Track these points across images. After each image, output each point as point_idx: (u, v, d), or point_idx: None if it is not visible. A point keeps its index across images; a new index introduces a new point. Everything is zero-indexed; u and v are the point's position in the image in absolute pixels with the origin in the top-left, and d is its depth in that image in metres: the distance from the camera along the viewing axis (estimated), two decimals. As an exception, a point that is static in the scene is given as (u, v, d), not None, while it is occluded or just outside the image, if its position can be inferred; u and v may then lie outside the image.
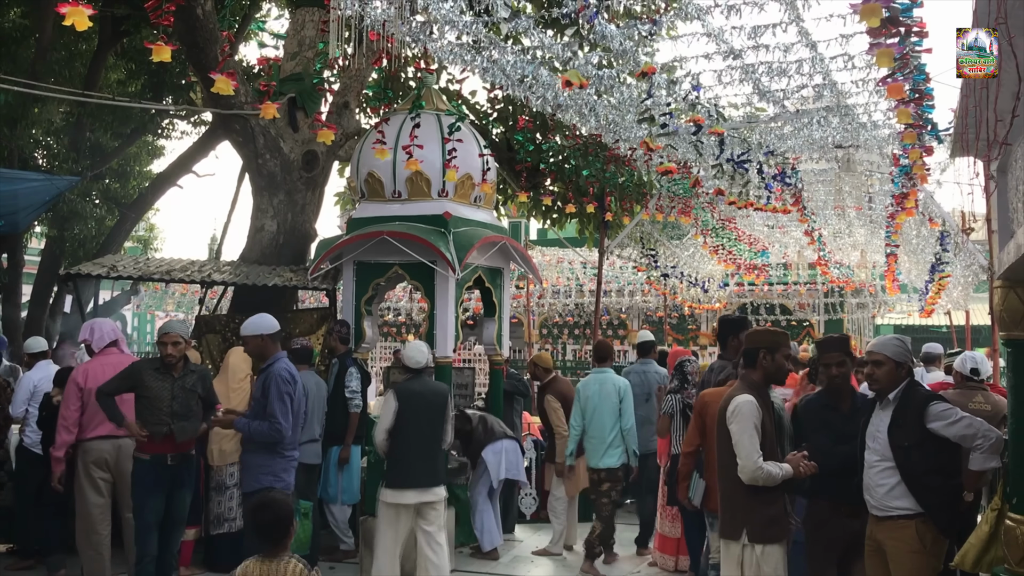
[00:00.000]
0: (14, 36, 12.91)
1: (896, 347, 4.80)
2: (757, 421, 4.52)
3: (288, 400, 5.96)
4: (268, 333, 6.17)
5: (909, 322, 23.68)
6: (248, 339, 6.27)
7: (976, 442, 4.57)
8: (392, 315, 23.29)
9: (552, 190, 11.39)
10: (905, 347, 4.86)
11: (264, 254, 9.66)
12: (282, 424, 5.91)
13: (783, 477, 4.49)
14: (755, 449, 4.47)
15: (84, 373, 6.53)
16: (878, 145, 8.17)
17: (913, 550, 4.62)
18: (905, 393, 4.73)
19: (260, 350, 6.22)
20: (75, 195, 13.53)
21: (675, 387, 7.32)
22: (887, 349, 4.79)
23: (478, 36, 5.64)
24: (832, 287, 20.26)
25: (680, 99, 6.61)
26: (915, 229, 12.18)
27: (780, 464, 4.53)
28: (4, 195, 9.54)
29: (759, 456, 4.46)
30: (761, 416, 4.54)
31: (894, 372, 4.75)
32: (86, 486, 6.53)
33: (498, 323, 9.11)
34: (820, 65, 5.93)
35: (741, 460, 4.48)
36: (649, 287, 18.71)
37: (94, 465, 6.51)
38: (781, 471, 4.48)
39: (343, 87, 10.42)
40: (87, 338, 6.80)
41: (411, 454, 6.27)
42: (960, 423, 4.59)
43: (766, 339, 4.74)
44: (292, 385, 6.03)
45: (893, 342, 4.87)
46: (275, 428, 5.90)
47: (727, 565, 4.61)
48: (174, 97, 14.63)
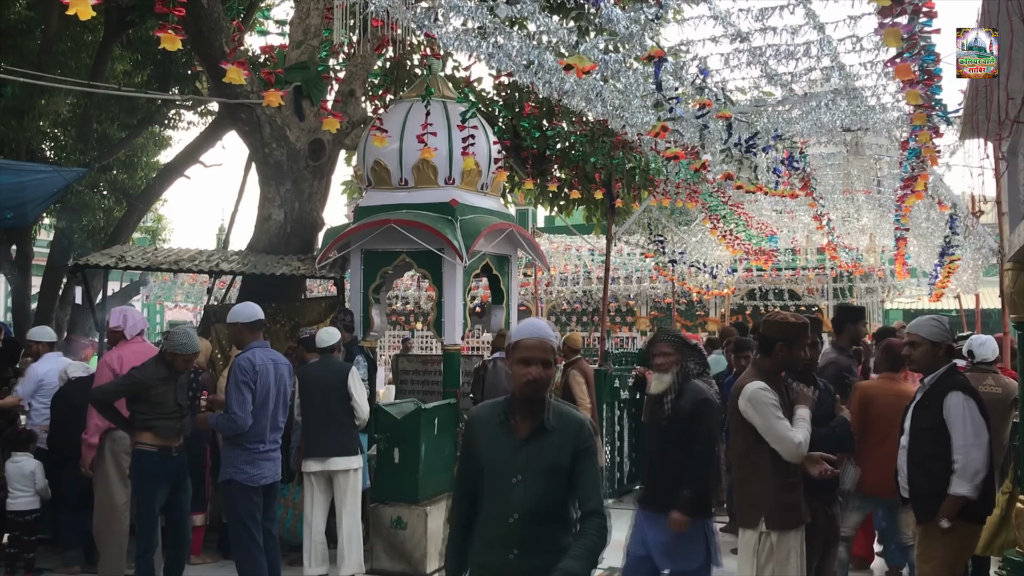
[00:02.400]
0: (20, 28, 12.89)
1: (932, 327, 4.82)
2: (776, 402, 4.49)
3: (245, 390, 5.85)
4: (244, 322, 6.08)
5: (919, 306, 23.58)
6: (229, 327, 6.26)
7: (956, 456, 4.54)
8: (400, 303, 23.32)
9: (559, 177, 11.36)
10: (942, 326, 4.84)
11: (272, 243, 9.67)
12: (236, 414, 5.82)
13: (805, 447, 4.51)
14: (787, 427, 4.46)
15: (119, 359, 6.46)
16: (887, 128, 8.12)
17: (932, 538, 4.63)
18: (940, 378, 4.72)
19: (237, 338, 6.20)
20: (83, 186, 13.53)
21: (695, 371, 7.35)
22: (922, 330, 4.83)
23: (483, 21, 5.61)
24: (841, 272, 20.22)
25: (688, 83, 6.57)
26: (924, 212, 12.10)
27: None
28: (12, 187, 9.56)
29: (793, 433, 4.44)
30: (777, 399, 4.52)
31: (930, 352, 4.78)
32: (113, 476, 6.45)
33: (506, 311, 9.10)
34: (828, 47, 5.88)
35: (780, 445, 4.45)
36: (657, 273, 18.67)
37: (125, 454, 6.41)
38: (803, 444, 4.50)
39: (348, 75, 10.39)
40: (119, 324, 6.71)
41: (315, 427, 6.85)
42: (956, 428, 4.56)
43: (785, 331, 4.70)
44: (251, 374, 5.90)
45: (930, 322, 4.87)
46: (230, 419, 5.85)
47: (744, 553, 4.58)
48: (180, 87, 14.63)
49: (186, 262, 8.86)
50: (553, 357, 3.29)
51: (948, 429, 4.58)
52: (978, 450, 4.52)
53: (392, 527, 7.21)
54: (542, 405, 3.29)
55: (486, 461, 3.31)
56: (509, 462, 3.25)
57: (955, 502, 4.53)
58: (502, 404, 3.38)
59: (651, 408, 5.26)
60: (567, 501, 3.27)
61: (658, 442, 5.20)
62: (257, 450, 5.96)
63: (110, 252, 8.96)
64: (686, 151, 8.47)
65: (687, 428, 4.98)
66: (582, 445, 3.27)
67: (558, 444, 3.24)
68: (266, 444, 6.02)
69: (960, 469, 4.51)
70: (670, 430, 5.04)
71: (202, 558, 7.42)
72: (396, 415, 7.33)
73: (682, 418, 5.00)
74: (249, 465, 5.92)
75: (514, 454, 3.26)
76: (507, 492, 3.24)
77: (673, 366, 5.11)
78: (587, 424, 3.34)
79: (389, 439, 7.27)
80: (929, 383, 4.79)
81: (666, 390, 5.09)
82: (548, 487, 3.23)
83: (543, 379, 3.26)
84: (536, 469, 3.22)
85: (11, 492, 7.07)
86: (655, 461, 5.26)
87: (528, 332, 3.32)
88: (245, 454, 5.92)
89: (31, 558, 7.10)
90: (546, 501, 3.23)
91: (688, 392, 5.06)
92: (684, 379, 5.10)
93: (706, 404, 5.03)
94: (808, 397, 4.70)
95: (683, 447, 4.98)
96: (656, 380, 5.16)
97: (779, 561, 4.44)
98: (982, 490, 4.57)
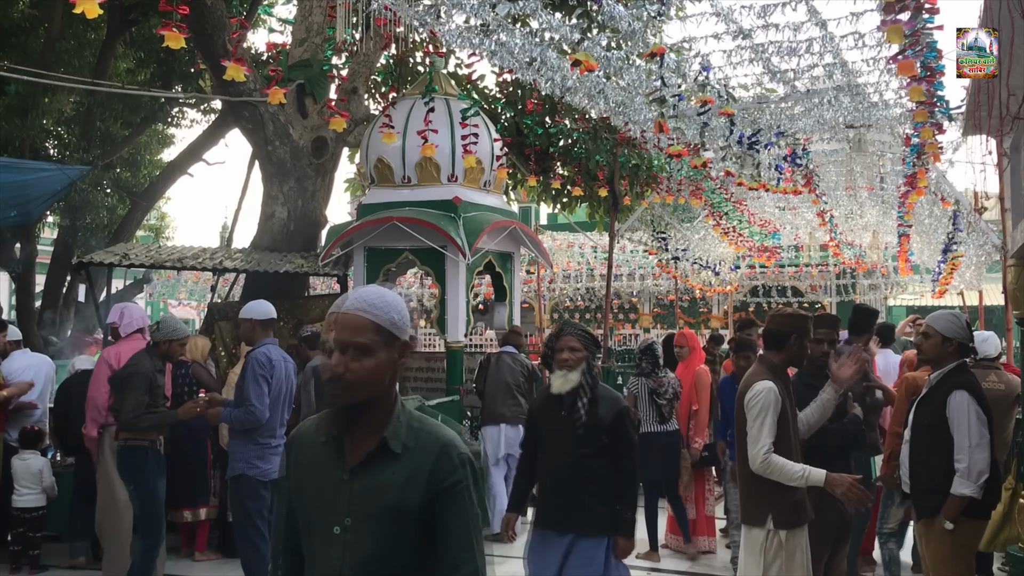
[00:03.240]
0: (23, 26, 12.91)
1: (947, 321, 4.82)
2: (776, 412, 4.41)
3: (263, 383, 5.88)
4: (258, 319, 6.11)
5: (922, 303, 23.57)
6: (240, 322, 6.29)
7: (958, 456, 4.52)
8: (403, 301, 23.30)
9: (562, 174, 11.37)
10: (958, 323, 4.84)
11: (275, 241, 9.69)
12: (255, 407, 5.84)
13: (805, 482, 4.30)
14: (763, 437, 4.36)
15: (116, 356, 6.47)
16: (889, 125, 8.11)
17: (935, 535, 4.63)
18: (946, 374, 4.72)
19: (249, 334, 6.21)
20: (86, 184, 13.55)
21: (646, 370, 7.44)
22: (938, 323, 4.84)
23: (485, 19, 5.61)
24: (844, 268, 20.18)
25: (690, 80, 6.57)
26: (927, 209, 12.09)
27: (805, 468, 4.33)
28: (16, 185, 9.58)
29: (767, 448, 4.35)
30: (782, 404, 4.44)
31: (940, 346, 4.78)
32: (115, 472, 6.37)
33: (509, 308, 9.11)
34: (830, 44, 5.88)
35: (749, 448, 4.40)
36: (660, 270, 18.66)
37: None
38: (805, 475, 4.28)
39: (351, 73, 10.40)
40: (116, 321, 6.73)
41: None
42: (960, 429, 4.54)
43: (798, 324, 4.65)
44: (268, 368, 5.93)
45: (946, 316, 4.89)
46: (249, 412, 5.85)
47: (749, 551, 4.55)
48: (183, 85, 14.64)
49: (190, 260, 8.88)
50: (379, 340, 2.23)
51: (950, 427, 4.58)
52: (981, 451, 4.52)
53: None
54: (375, 417, 2.23)
55: (301, 501, 2.29)
56: (329, 503, 2.21)
57: (958, 503, 4.52)
58: (331, 415, 2.30)
59: (553, 412, 4.62)
60: (418, 565, 2.20)
61: (565, 453, 4.56)
62: (269, 445, 5.99)
63: (114, 250, 8.99)
64: (688, 148, 8.47)
65: (610, 441, 4.53)
66: (444, 480, 2.19)
67: (403, 477, 2.19)
68: (276, 439, 6.06)
69: (964, 470, 4.50)
70: (586, 441, 4.51)
71: (207, 554, 7.44)
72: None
73: (600, 428, 4.51)
74: (261, 460, 5.95)
75: (337, 491, 2.21)
76: (325, 548, 2.20)
77: (580, 363, 4.57)
78: (455, 446, 2.24)
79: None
80: (935, 379, 4.79)
81: (574, 391, 4.53)
82: (383, 541, 2.18)
83: (352, 376, 2.18)
84: (367, 514, 2.18)
85: (17, 489, 7.09)
86: (561, 475, 4.59)
87: (346, 304, 2.29)
88: (257, 449, 5.95)
89: (36, 555, 7.12)
90: (380, 565, 2.17)
91: (604, 399, 4.60)
92: (593, 381, 4.59)
93: (626, 413, 4.63)
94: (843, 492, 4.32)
95: (601, 461, 4.52)
96: (560, 378, 4.56)
97: (786, 559, 4.42)
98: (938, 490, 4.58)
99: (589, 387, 4.54)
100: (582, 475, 4.51)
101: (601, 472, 4.52)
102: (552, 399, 4.61)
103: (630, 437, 4.59)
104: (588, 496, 4.51)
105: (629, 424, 4.59)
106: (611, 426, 4.52)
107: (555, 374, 4.59)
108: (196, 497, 7.37)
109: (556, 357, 4.60)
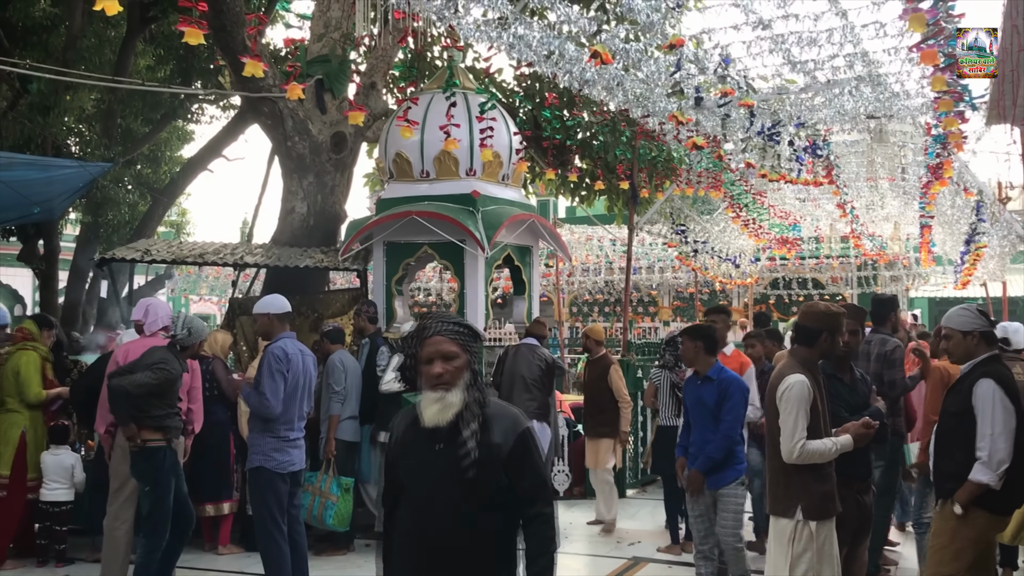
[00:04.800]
0: (45, 25, 13.04)
1: (960, 316, 4.79)
2: (808, 404, 4.44)
3: (279, 377, 5.90)
4: (275, 313, 6.14)
5: (944, 294, 23.36)
6: (257, 317, 6.33)
7: (980, 444, 4.47)
8: (422, 295, 23.37)
9: (580, 167, 11.35)
10: (971, 313, 4.79)
11: (295, 236, 9.73)
12: (269, 400, 5.87)
13: (840, 450, 4.43)
14: (798, 430, 4.40)
15: (125, 354, 6.45)
16: (911, 115, 8.05)
17: (945, 517, 4.61)
18: (976, 364, 4.69)
19: (266, 329, 6.24)
20: (108, 181, 13.67)
21: (669, 363, 7.62)
22: (952, 321, 4.81)
23: (503, 12, 5.61)
24: (865, 260, 20.06)
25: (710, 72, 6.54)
26: (949, 199, 12.01)
27: (834, 439, 4.46)
28: (39, 182, 9.65)
29: (800, 439, 4.39)
30: (814, 396, 4.47)
31: (962, 342, 4.74)
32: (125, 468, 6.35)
33: (528, 301, 9.11)
34: (851, 34, 5.84)
35: (783, 439, 4.43)
36: (679, 263, 18.60)
37: None
38: (836, 445, 4.43)
39: (370, 68, 10.42)
40: (141, 318, 6.69)
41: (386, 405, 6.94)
42: (984, 417, 4.49)
43: (830, 321, 4.64)
44: (284, 363, 5.96)
45: (957, 312, 4.85)
46: (263, 400, 5.89)
47: (777, 542, 4.55)
48: (203, 82, 14.73)
49: (211, 255, 8.93)
50: None
51: (975, 415, 4.55)
52: (1004, 440, 4.47)
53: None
54: None
55: None
56: None
57: (973, 488, 4.48)
58: None
59: (423, 448, 3.01)
60: None
61: (444, 508, 2.95)
62: (287, 437, 6.02)
63: (136, 246, 9.05)
64: (708, 140, 8.44)
65: (513, 479, 2.98)
66: None
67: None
68: (294, 432, 6.09)
69: (985, 458, 4.47)
70: (477, 487, 2.94)
71: (229, 548, 7.49)
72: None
73: (497, 462, 2.96)
74: (278, 452, 5.99)
75: None
76: None
77: (461, 375, 3.01)
78: None
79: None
80: (965, 368, 4.76)
81: (458, 421, 2.97)
82: None
83: None
84: None
85: (47, 483, 7.15)
86: (437, 542, 2.96)
87: None
88: (275, 441, 5.99)
89: (62, 549, 7.20)
90: None
91: (499, 419, 3.04)
92: (482, 397, 3.04)
93: (531, 436, 3.06)
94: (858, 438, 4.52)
95: (500, 517, 3.00)
96: (433, 404, 2.98)
97: (815, 551, 4.43)
98: (1006, 480, 4.53)
99: (478, 407, 3.01)
100: (471, 541, 2.97)
101: (501, 537, 3.02)
102: (420, 430, 3.01)
103: (541, 473, 3.08)
104: (479, 573, 3.01)
105: (536, 449, 3.09)
106: (512, 456, 2.99)
107: (424, 397, 3.00)
108: (219, 492, 7.42)
109: (423, 371, 3.02)
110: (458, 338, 3.03)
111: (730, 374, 5.92)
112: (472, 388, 3.02)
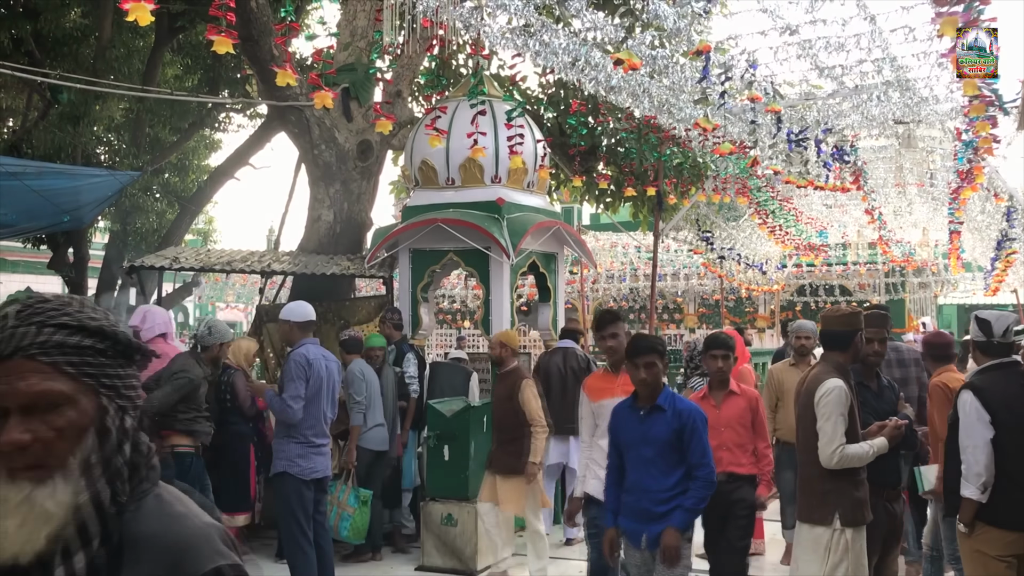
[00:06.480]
0: (75, 36, 13.20)
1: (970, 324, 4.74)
2: (845, 409, 4.43)
3: (300, 383, 5.93)
4: (296, 321, 6.17)
5: (973, 300, 23.11)
6: (280, 324, 6.38)
7: (962, 457, 4.39)
8: (447, 302, 23.40)
9: (606, 173, 11.32)
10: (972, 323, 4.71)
11: (321, 243, 9.78)
12: (289, 407, 5.91)
13: (876, 452, 4.46)
14: (838, 435, 4.39)
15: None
16: (940, 120, 7.98)
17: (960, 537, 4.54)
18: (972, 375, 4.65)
19: (287, 336, 6.30)
20: (136, 190, 13.81)
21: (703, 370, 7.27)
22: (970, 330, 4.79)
23: (529, 19, 5.61)
24: (893, 267, 19.87)
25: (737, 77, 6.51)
26: (980, 205, 11.88)
27: (871, 442, 4.48)
28: (69, 191, 9.77)
29: (840, 444, 4.38)
30: (849, 401, 4.46)
31: (973, 349, 4.75)
32: None
33: (552, 308, 9.10)
34: (879, 39, 5.79)
35: (822, 445, 4.41)
36: (705, 270, 18.51)
37: None
38: (873, 448, 4.46)
39: (396, 76, 10.46)
40: (138, 324, 6.75)
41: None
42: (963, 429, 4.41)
43: (859, 322, 4.64)
44: (306, 368, 5.99)
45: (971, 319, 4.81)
46: (285, 404, 5.92)
47: (812, 550, 4.48)
48: (230, 91, 14.85)
49: (238, 263, 8.99)
50: None
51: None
52: (976, 452, 4.32)
53: (443, 524, 7.24)
54: None
55: None
56: None
57: (964, 504, 4.38)
58: None
59: None
60: None
61: None
62: (311, 444, 6.03)
63: (164, 254, 9.13)
64: (736, 146, 8.40)
65: None
66: None
67: None
68: (319, 438, 6.11)
69: (964, 471, 4.39)
70: None
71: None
72: (446, 413, 7.36)
73: None
74: (302, 458, 6.00)
75: None
76: None
77: (70, 448, 1.33)
78: None
79: (439, 436, 7.31)
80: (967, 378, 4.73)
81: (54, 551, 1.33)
82: None
83: None
84: None
85: None
86: None
87: None
88: (299, 447, 6.01)
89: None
90: None
91: (154, 549, 1.37)
92: (120, 494, 1.39)
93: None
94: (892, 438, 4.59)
95: None
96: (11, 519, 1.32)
97: (852, 558, 4.38)
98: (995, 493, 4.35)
99: (100, 520, 1.34)
100: None
101: None
102: None
103: None
104: None
105: None
106: None
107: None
108: (235, 504, 7.29)
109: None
110: (70, 359, 1.36)
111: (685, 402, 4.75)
112: (95, 473, 1.36)
